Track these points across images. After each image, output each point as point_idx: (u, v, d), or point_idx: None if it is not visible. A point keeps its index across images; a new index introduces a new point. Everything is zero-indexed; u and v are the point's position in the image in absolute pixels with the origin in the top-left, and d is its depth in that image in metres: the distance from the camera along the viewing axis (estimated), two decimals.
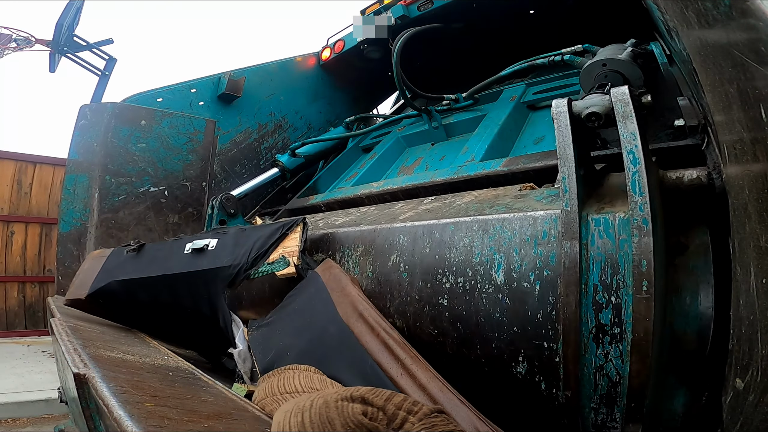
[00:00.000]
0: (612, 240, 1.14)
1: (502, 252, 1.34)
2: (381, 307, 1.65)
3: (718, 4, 0.73)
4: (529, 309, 1.28)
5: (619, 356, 1.14)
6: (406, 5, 3.28)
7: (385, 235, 1.68)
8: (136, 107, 2.74)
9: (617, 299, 1.13)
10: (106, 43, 8.57)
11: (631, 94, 1.13)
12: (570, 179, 1.17)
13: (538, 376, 1.29)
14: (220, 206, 2.59)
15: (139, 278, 1.74)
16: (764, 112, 0.63)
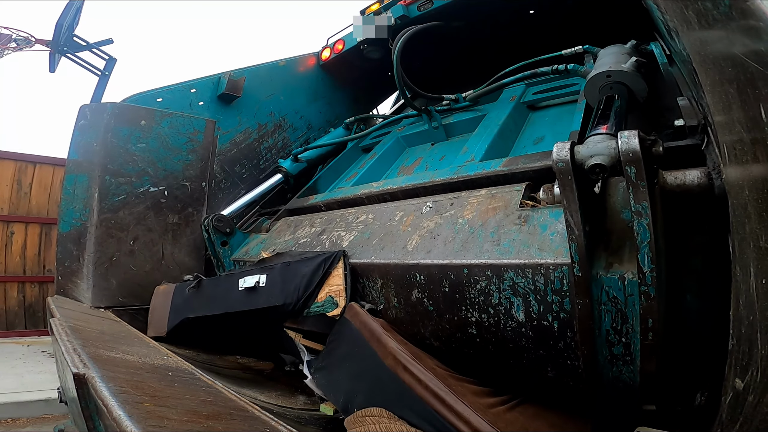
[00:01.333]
0: (621, 297, 1.23)
1: (519, 296, 1.42)
2: (415, 332, 1.77)
3: (718, 5, 0.73)
4: (551, 339, 1.41)
5: (631, 372, 1.32)
6: (406, 5, 3.28)
7: (401, 272, 1.73)
8: (135, 107, 2.74)
9: (627, 340, 1.27)
10: (106, 43, 8.57)
11: (642, 146, 1.03)
12: (580, 246, 1.19)
13: (565, 378, 1.48)
14: (213, 230, 2.61)
15: (206, 316, 1.96)
16: (764, 112, 0.63)
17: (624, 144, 1.04)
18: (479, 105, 2.87)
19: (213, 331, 2.05)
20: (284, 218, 2.82)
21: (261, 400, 1.99)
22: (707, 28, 0.84)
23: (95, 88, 8.35)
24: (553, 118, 2.48)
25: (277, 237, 2.56)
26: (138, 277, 2.61)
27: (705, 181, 1.18)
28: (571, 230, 1.18)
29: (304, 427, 1.80)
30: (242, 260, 2.55)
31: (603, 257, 1.25)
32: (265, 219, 3.00)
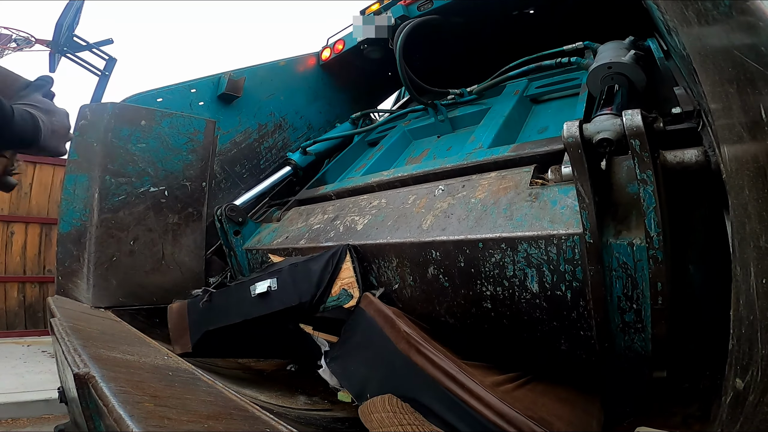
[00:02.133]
0: (631, 263, 1.31)
1: (532, 267, 1.49)
2: (431, 311, 1.83)
3: (718, 4, 0.73)
4: (564, 310, 1.49)
5: (642, 340, 1.40)
6: (406, 5, 3.29)
7: (416, 250, 1.78)
8: (136, 107, 2.74)
9: (638, 306, 1.35)
10: (106, 43, 8.56)
11: (644, 122, 1.12)
12: (590, 214, 1.27)
13: (578, 350, 1.56)
14: (226, 219, 2.65)
15: (225, 326, 2.02)
16: (764, 112, 0.63)
17: (628, 120, 1.13)
18: (483, 99, 2.92)
19: (235, 340, 2.11)
20: (295, 208, 2.84)
21: (261, 400, 1.99)
22: (707, 27, 0.84)
23: (95, 88, 8.34)
24: (556, 110, 2.56)
25: (290, 225, 2.61)
26: (138, 277, 2.61)
27: (702, 158, 1.26)
28: (582, 199, 1.26)
29: (304, 427, 1.80)
30: (255, 249, 2.59)
31: (611, 226, 1.33)
32: (276, 209, 3.01)
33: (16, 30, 9.08)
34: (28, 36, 9.06)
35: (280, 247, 2.42)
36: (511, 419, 1.37)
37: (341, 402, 2.23)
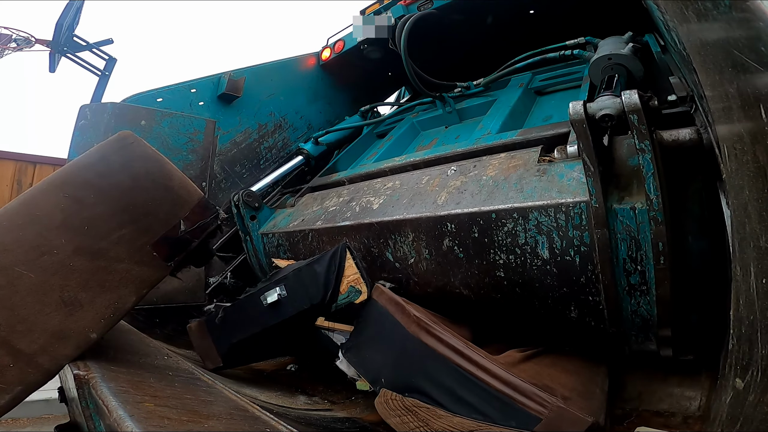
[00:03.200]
0: (634, 225, 1.41)
1: (543, 234, 1.59)
2: (445, 283, 1.92)
3: (718, 4, 0.73)
4: (574, 275, 1.58)
5: (648, 303, 1.50)
6: (406, 5, 3.29)
7: (432, 223, 1.87)
8: (136, 107, 2.74)
9: (642, 267, 1.45)
10: (106, 43, 8.57)
11: (641, 100, 1.25)
12: (595, 181, 1.38)
13: (587, 318, 1.65)
14: (243, 204, 2.70)
15: (247, 336, 2.09)
16: (764, 112, 0.63)
17: (627, 98, 1.27)
18: (489, 92, 3.00)
19: (259, 346, 2.18)
20: (308, 194, 2.87)
21: (261, 400, 1.99)
22: (707, 27, 0.84)
23: (95, 88, 8.35)
24: (559, 100, 2.65)
25: (305, 209, 2.65)
26: None
27: (695, 136, 1.38)
28: (587, 168, 1.38)
29: (304, 427, 1.80)
30: (271, 233, 2.64)
31: (615, 193, 1.45)
32: (289, 196, 3.04)
33: (16, 30, 9.09)
34: (28, 36, 9.07)
35: (296, 229, 2.47)
36: (517, 387, 1.46)
37: (341, 402, 2.23)
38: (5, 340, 1.21)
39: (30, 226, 1.35)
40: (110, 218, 1.44)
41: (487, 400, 1.49)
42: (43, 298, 1.29)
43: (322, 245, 2.35)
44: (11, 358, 1.20)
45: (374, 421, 2.01)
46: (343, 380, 2.46)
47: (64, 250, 1.35)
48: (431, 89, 3.02)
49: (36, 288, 1.29)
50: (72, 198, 1.42)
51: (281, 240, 2.57)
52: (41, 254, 1.33)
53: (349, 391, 2.35)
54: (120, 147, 1.55)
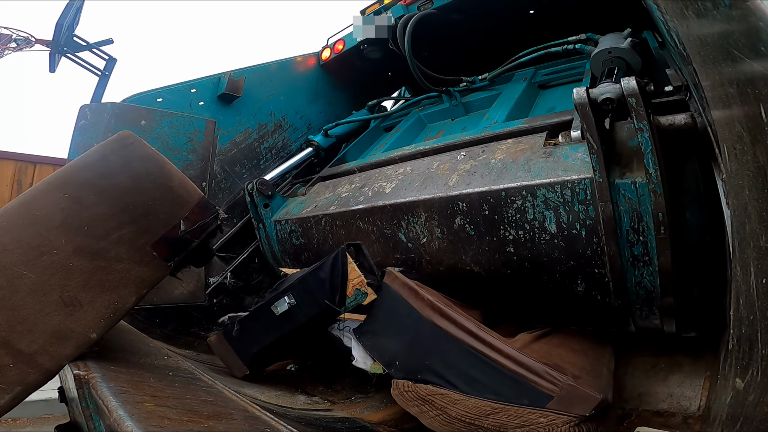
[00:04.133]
0: (635, 198, 1.52)
1: (550, 209, 1.70)
2: (457, 261, 1.98)
3: (718, 4, 0.73)
4: (580, 248, 1.68)
5: (650, 274, 1.59)
6: (406, 5, 3.29)
7: (445, 202, 1.96)
8: (136, 107, 2.74)
9: (644, 238, 1.55)
10: (106, 43, 8.57)
11: (638, 85, 1.38)
12: (599, 158, 1.50)
13: (594, 291, 1.74)
14: (257, 192, 2.79)
15: (267, 344, 2.16)
16: (764, 112, 0.63)
17: (625, 84, 1.40)
18: (493, 86, 3.08)
19: (280, 350, 2.25)
20: (319, 183, 2.93)
21: (261, 400, 1.99)
22: (707, 28, 0.84)
23: (95, 88, 8.35)
24: (562, 93, 2.75)
25: (317, 196, 2.72)
26: None
27: (690, 120, 1.48)
28: (591, 147, 1.49)
29: (304, 427, 1.80)
30: (283, 220, 2.72)
31: (617, 170, 1.55)
32: (300, 186, 3.10)
33: (16, 30, 9.09)
34: (28, 36, 9.07)
35: (310, 215, 2.53)
36: (529, 366, 1.52)
37: (341, 402, 2.23)
38: (5, 340, 1.21)
39: (30, 226, 1.35)
40: (110, 218, 1.43)
41: (501, 380, 1.55)
42: (43, 298, 1.28)
43: (335, 229, 2.42)
44: (11, 358, 1.20)
45: (374, 421, 2.01)
46: (343, 380, 2.47)
47: (64, 250, 1.35)
48: (436, 85, 3.09)
49: (36, 288, 1.29)
50: (72, 198, 1.42)
51: (294, 226, 2.64)
52: (41, 254, 1.32)
53: (349, 391, 2.35)
54: (120, 147, 1.55)
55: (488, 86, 3.10)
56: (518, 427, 1.44)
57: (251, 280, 3.06)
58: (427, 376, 1.68)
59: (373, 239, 2.25)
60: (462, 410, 1.55)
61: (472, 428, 1.52)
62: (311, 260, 2.54)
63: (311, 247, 2.61)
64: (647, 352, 2.01)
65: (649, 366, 1.97)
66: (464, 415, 1.54)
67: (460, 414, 1.55)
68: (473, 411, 1.53)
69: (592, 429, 1.41)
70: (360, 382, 2.44)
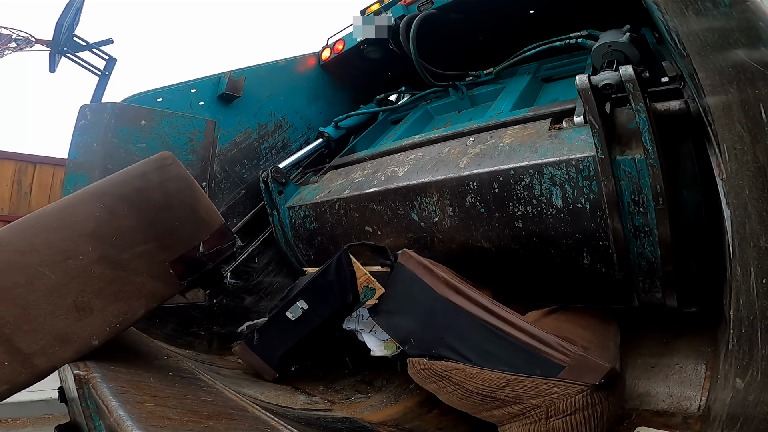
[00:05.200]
0: (635, 173, 1.64)
1: (557, 185, 1.82)
2: (468, 237, 2.09)
3: (718, 4, 0.73)
4: (585, 221, 1.79)
5: (651, 245, 1.71)
6: (406, 5, 3.29)
7: (456, 182, 2.06)
8: (136, 107, 2.73)
9: (644, 210, 1.67)
10: (106, 43, 8.57)
11: (635, 72, 1.52)
12: (601, 137, 1.62)
13: (598, 264, 1.85)
14: (272, 180, 2.90)
15: (289, 347, 2.24)
16: (764, 112, 0.63)
17: (623, 71, 1.54)
18: (498, 80, 3.18)
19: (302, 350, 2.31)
20: (331, 171, 3.02)
21: (261, 400, 1.99)
22: (707, 28, 0.84)
23: (95, 88, 8.35)
24: (564, 86, 2.85)
25: (329, 183, 2.80)
26: None
27: (684, 106, 1.62)
28: (594, 126, 1.61)
29: (304, 427, 1.80)
30: (297, 205, 2.82)
31: (617, 148, 1.67)
32: (311, 174, 3.16)
33: (16, 30, 9.09)
34: (28, 36, 9.07)
35: (323, 200, 2.63)
36: (541, 338, 1.60)
37: (341, 402, 2.23)
38: (8, 338, 1.22)
39: (63, 230, 1.39)
40: (137, 232, 1.47)
41: (514, 352, 1.62)
42: (58, 300, 1.30)
43: (349, 212, 2.51)
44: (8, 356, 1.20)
45: (374, 421, 2.01)
46: (343, 380, 2.47)
47: (89, 257, 1.38)
48: (441, 82, 3.18)
49: (53, 289, 1.31)
50: (107, 208, 1.46)
51: (308, 211, 2.74)
52: (67, 258, 1.36)
53: (349, 391, 2.35)
54: (159, 166, 1.63)
55: (493, 80, 3.19)
56: (533, 397, 1.52)
57: (251, 279, 3.06)
58: (442, 351, 1.73)
59: (386, 220, 2.34)
60: (478, 383, 1.61)
61: (489, 400, 1.60)
62: (324, 244, 2.71)
63: (324, 231, 2.70)
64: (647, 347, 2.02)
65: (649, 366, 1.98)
66: (480, 388, 1.61)
67: (477, 387, 1.61)
68: (489, 383, 1.60)
69: (603, 398, 1.48)
70: (360, 382, 2.45)
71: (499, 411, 1.60)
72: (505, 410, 1.58)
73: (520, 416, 1.55)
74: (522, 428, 1.55)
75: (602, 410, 1.49)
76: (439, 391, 1.72)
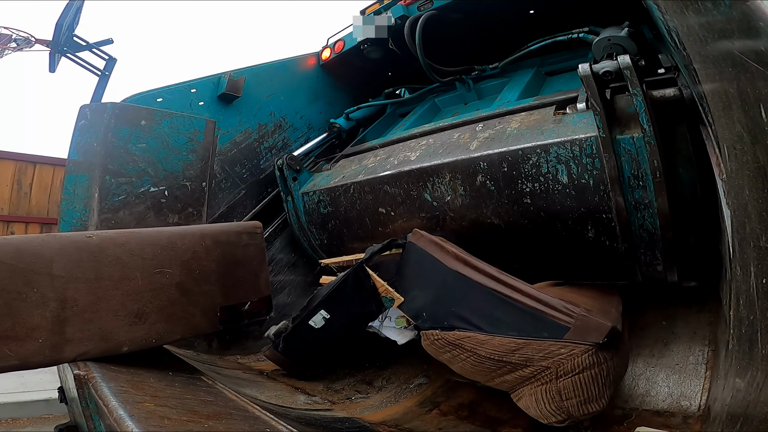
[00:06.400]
0: (633, 150, 1.78)
1: (562, 163, 1.96)
2: (479, 214, 2.23)
3: (718, 5, 0.73)
4: (588, 195, 1.93)
5: (651, 216, 1.83)
6: (406, 5, 3.28)
7: (467, 163, 2.20)
8: (136, 107, 2.73)
9: (643, 183, 1.80)
10: (106, 43, 8.56)
11: (632, 61, 1.68)
12: (602, 118, 1.77)
13: (602, 237, 1.98)
14: (287, 167, 3.02)
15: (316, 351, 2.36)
16: (764, 112, 0.63)
17: (621, 59, 1.70)
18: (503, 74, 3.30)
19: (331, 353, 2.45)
20: (343, 159, 3.13)
21: (261, 400, 1.99)
22: (707, 28, 0.84)
23: (95, 88, 8.34)
24: (567, 79, 2.98)
25: (343, 169, 2.92)
26: None
27: (678, 93, 1.76)
28: (595, 109, 1.77)
29: (304, 427, 1.80)
30: (311, 191, 2.95)
31: (617, 129, 1.81)
32: (323, 162, 3.25)
33: (16, 30, 9.09)
34: (28, 36, 9.06)
35: (338, 185, 2.75)
36: (547, 302, 1.70)
37: (341, 402, 2.23)
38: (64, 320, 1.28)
39: (168, 250, 1.63)
40: (213, 273, 1.73)
41: (522, 317, 1.70)
42: (129, 302, 1.45)
43: (363, 195, 2.63)
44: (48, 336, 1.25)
45: (374, 421, 2.01)
46: (343, 380, 2.47)
47: (173, 278, 1.58)
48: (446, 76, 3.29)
49: (132, 293, 1.46)
50: (204, 248, 1.74)
51: (322, 196, 2.86)
52: (158, 271, 1.56)
53: (349, 391, 2.35)
54: (250, 232, 1.98)
55: (498, 74, 3.30)
56: (542, 359, 1.59)
57: None
58: (453, 321, 1.81)
59: (400, 201, 2.47)
60: (490, 349, 1.68)
61: (501, 365, 1.67)
62: (337, 227, 2.84)
63: (338, 215, 2.81)
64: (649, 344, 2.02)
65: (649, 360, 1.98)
66: (492, 353, 1.68)
67: (489, 353, 1.68)
68: (500, 348, 1.67)
69: (608, 357, 1.57)
70: (360, 382, 2.45)
71: (510, 375, 1.67)
72: (516, 374, 1.65)
73: (531, 379, 1.62)
74: (533, 390, 1.61)
75: (608, 369, 1.57)
76: (453, 360, 1.79)
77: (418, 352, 1.98)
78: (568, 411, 1.55)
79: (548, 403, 1.58)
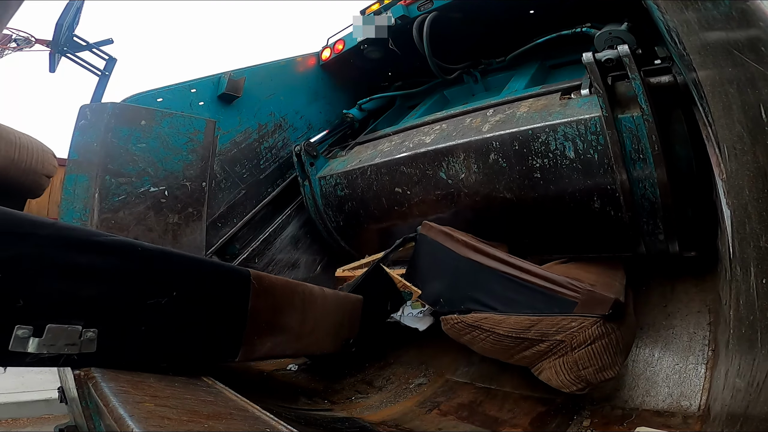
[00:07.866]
0: (633, 127, 1.96)
1: (569, 140, 2.13)
2: (491, 189, 2.40)
3: (718, 5, 0.73)
4: (594, 169, 2.10)
5: (652, 186, 2.00)
6: (406, 5, 3.29)
7: (480, 143, 2.38)
8: (136, 107, 2.73)
9: (643, 156, 1.98)
10: (106, 43, 8.57)
11: (630, 49, 1.87)
12: (605, 99, 1.96)
13: (607, 207, 2.14)
14: (305, 153, 3.15)
15: None
16: (764, 112, 0.63)
17: (621, 48, 1.88)
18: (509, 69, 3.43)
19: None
20: (358, 146, 3.27)
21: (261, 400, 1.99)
22: (707, 28, 0.84)
23: (95, 88, 8.35)
24: (570, 71, 3.09)
25: (358, 155, 3.06)
26: None
27: (672, 79, 1.91)
28: (598, 91, 1.96)
29: (304, 427, 1.80)
30: (328, 175, 3.09)
31: (619, 109, 1.98)
32: (338, 149, 3.40)
33: (16, 30, 9.08)
34: (28, 36, 9.06)
35: (355, 168, 2.90)
36: (555, 280, 1.82)
37: (341, 402, 2.23)
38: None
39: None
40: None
41: (533, 296, 1.82)
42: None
43: (380, 176, 2.77)
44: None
45: (374, 421, 2.01)
46: (343, 380, 2.47)
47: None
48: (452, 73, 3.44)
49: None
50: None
51: (339, 179, 3.01)
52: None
53: (349, 391, 2.35)
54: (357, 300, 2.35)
55: (505, 68, 3.44)
56: (556, 333, 1.71)
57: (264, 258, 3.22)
58: (469, 305, 1.94)
59: (416, 180, 2.62)
60: (507, 327, 1.80)
61: (519, 341, 1.79)
62: (354, 209, 3.01)
63: (355, 197, 2.96)
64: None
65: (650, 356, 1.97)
66: (510, 331, 1.79)
67: (507, 331, 1.80)
68: (516, 326, 1.78)
69: (615, 328, 1.69)
70: (360, 382, 2.45)
71: (529, 351, 1.79)
72: (534, 350, 1.77)
73: (548, 353, 1.75)
74: (552, 363, 1.74)
75: (617, 338, 1.68)
76: (473, 341, 1.91)
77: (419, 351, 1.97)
78: (586, 379, 1.68)
79: (567, 374, 1.71)
